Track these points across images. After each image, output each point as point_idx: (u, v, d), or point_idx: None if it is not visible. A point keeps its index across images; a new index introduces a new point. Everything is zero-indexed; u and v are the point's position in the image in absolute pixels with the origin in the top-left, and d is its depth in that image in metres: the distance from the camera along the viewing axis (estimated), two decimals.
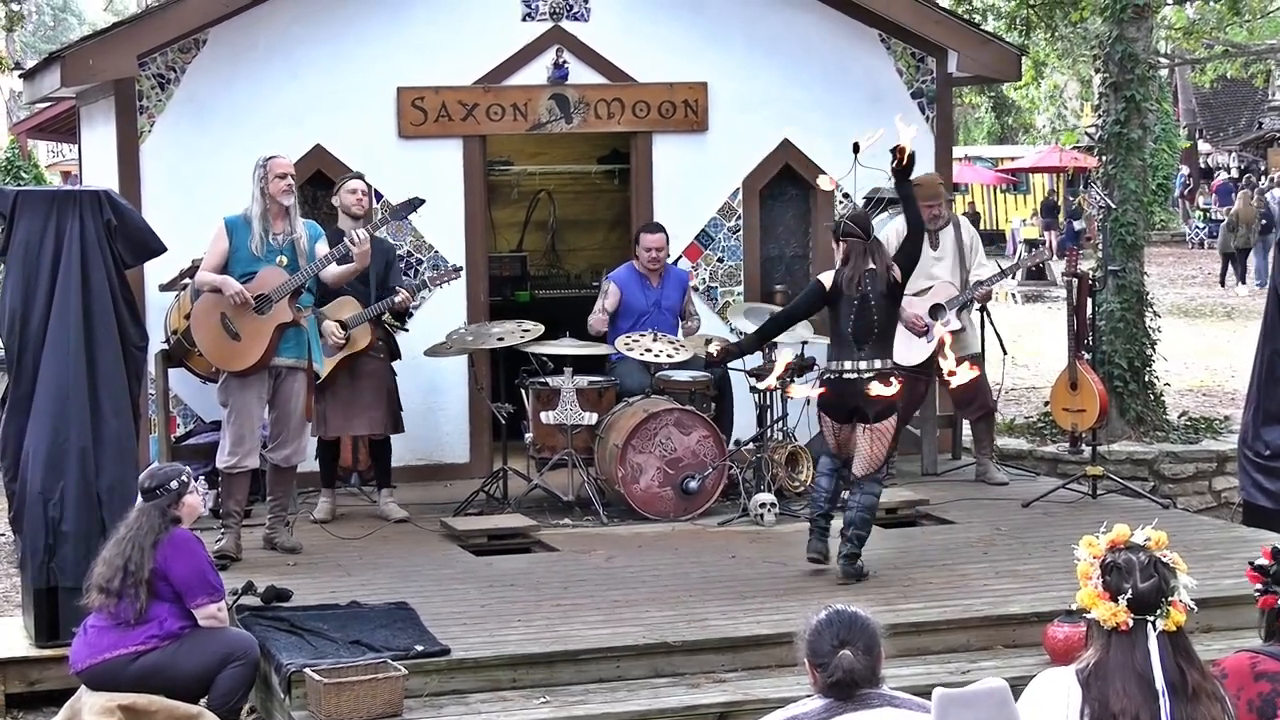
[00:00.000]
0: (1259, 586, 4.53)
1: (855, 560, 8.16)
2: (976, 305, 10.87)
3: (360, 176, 9.72)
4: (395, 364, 9.84)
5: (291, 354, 8.77)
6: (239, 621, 7.31)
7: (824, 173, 8.57)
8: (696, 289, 10.94)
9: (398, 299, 9.50)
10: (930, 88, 11.59)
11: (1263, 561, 4.55)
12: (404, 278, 10.15)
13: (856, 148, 8.20)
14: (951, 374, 7.97)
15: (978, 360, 10.70)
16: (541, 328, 9.94)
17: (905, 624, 7.26)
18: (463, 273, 10.23)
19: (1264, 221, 29.75)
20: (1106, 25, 12.38)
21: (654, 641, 7.21)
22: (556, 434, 9.82)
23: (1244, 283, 29.07)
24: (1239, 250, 29.38)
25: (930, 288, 10.47)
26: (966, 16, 16.04)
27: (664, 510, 9.60)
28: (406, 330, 10.21)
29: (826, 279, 8.25)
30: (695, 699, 6.83)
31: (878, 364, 8.11)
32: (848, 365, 8.12)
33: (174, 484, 6.75)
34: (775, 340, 10.23)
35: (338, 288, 9.15)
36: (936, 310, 10.45)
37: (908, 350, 10.51)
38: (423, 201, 9.21)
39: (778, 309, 10.78)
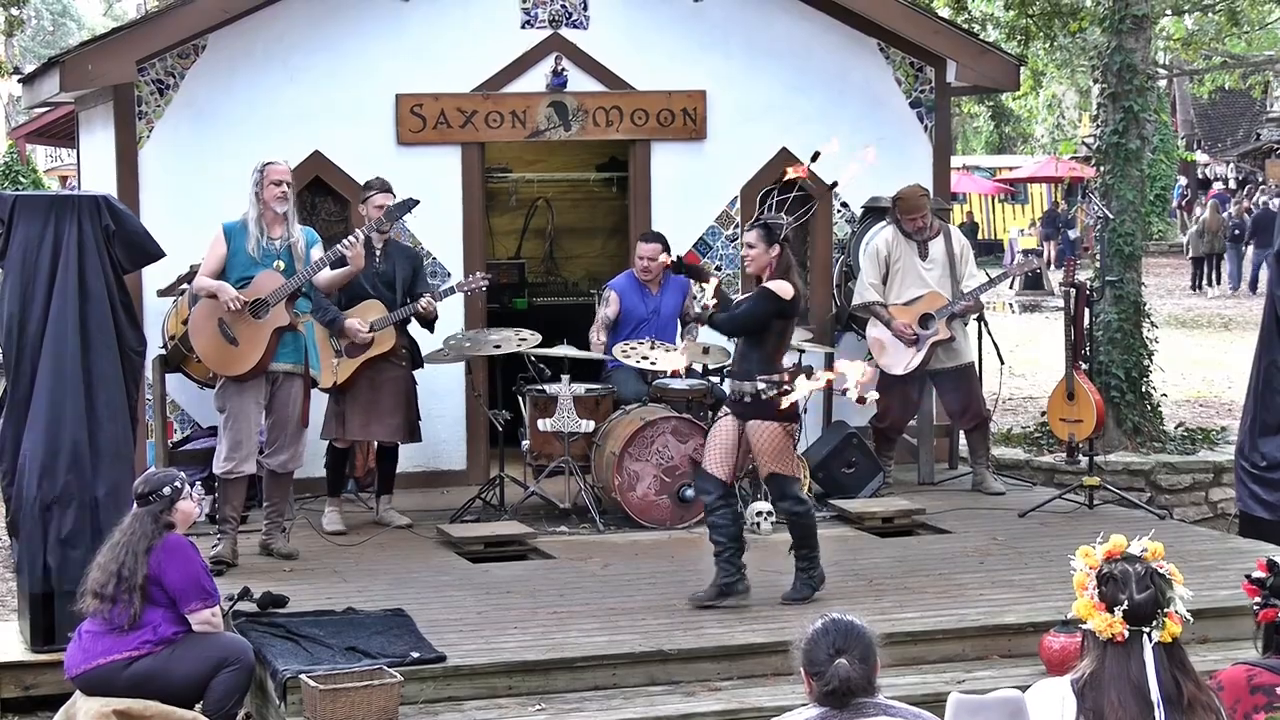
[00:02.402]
0: (1257, 600, 4.53)
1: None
2: (973, 315, 10.89)
3: (389, 189, 9.62)
4: (415, 372, 9.81)
5: (289, 359, 8.78)
6: (235, 627, 7.31)
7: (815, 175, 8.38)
8: (696, 297, 10.93)
9: (422, 304, 9.49)
10: (929, 97, 11.60)
11: (1259, 574, 4.55)
12: (431, 283, 10.15)
13: (816, 156, 8.16)
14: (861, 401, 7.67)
15: (968, 370, 10.73)
16: (539, 337, 9.95)
17: (901, 633, 7.27)
18: (489, 280, 10.19)
19: (1235, 231, 31.12)
20: (1105, 36, 12.41)
21: (650, 649, 7.21)
22: (553, 441, 9.82)
23: (1215, 285, 30.67)
24: (1206, 255, 31.27)
25: (920, 297, 10.49)
26: (965, 26, 16.07)
27: (660, 518, 9.60)
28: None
29: (784, 289, 7.81)
30: (691, 707, 6.83)
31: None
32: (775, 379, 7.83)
33: (168, 489, 6.74)
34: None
35: (330, 293, 9.11)
36: (926, 319, 10.47)
37: (897, 359, 10.54)
38: (417, 202, 9.19)
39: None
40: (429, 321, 9.68)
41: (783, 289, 7.78)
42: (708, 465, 7.99)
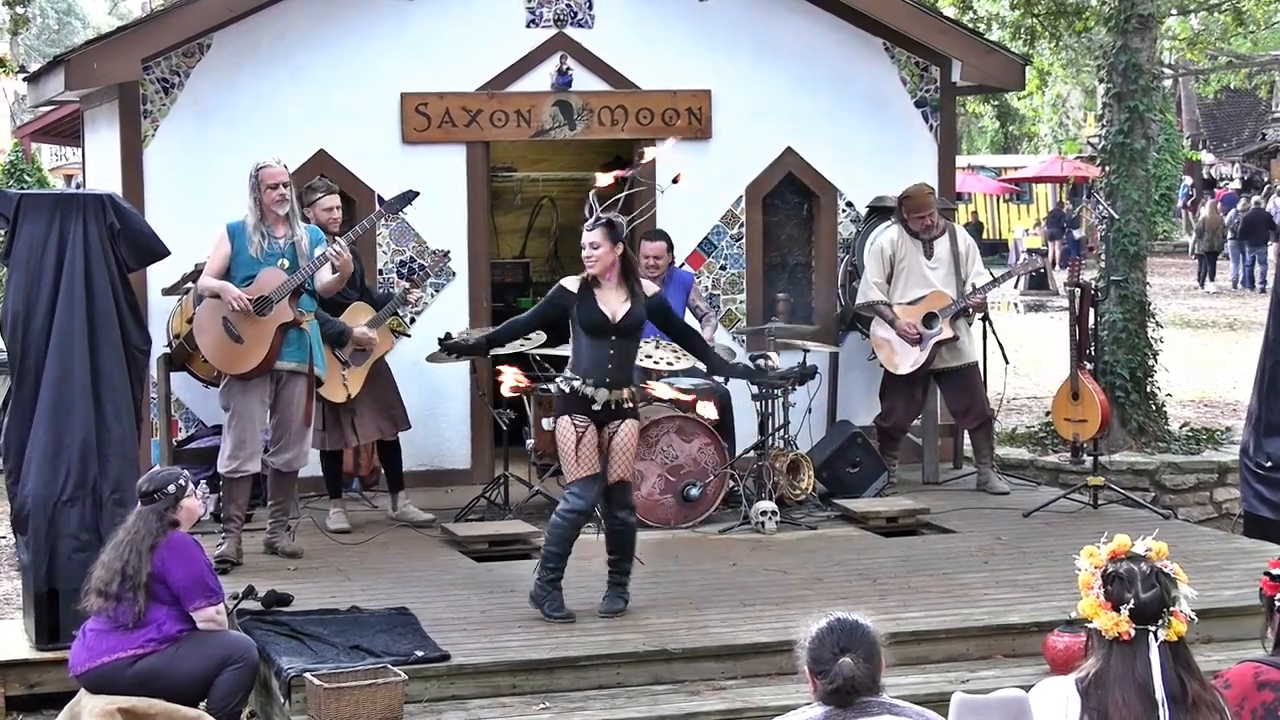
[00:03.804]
0: None
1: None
2: (977, 314, 10.88)
3: (335, 191, 9.64)
4: (396, 368, 9.86)
5: (293, 358, 8.78)
6: (239, 625, 7.32)
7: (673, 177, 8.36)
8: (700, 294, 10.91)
9: (412, 295, 9.56)
10: (934, 96, 11.59)
11: (1278, 571, 4.54)
12: (380, 278, 10.31)
13: (677, 179, 8.15)
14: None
15: (973, 369, 10.72)
16: (544, 337, 9.94)
17: (905, 633, 7.25)
18: (450, 256, 10.27)
19: (1246, 229, 32.29)
20: (1110, 35, 12.40)
21: (654, 649, 7.21)
22: None
23: (1213, 280, 31.84)
24: (1206, 253, 32.50)
25: (925, 296, 10.49)
26: (971, 26, 16.07)
27: (665, 517, 9.60)
28: (409, 335, 10.23)
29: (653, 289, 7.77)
30: (695, 706, 6.83)
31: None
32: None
33: (171, 488, 6.75)
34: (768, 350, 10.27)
35: (328, 296, 9.09)
36: (930, 319, 10.46)
37: (901, 358, 10.53)
38: (416, 194, 9.19)
39: (780, 323, 10.84)
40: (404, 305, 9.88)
41: (649, 288, 7.79)
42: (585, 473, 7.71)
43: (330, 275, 8.77)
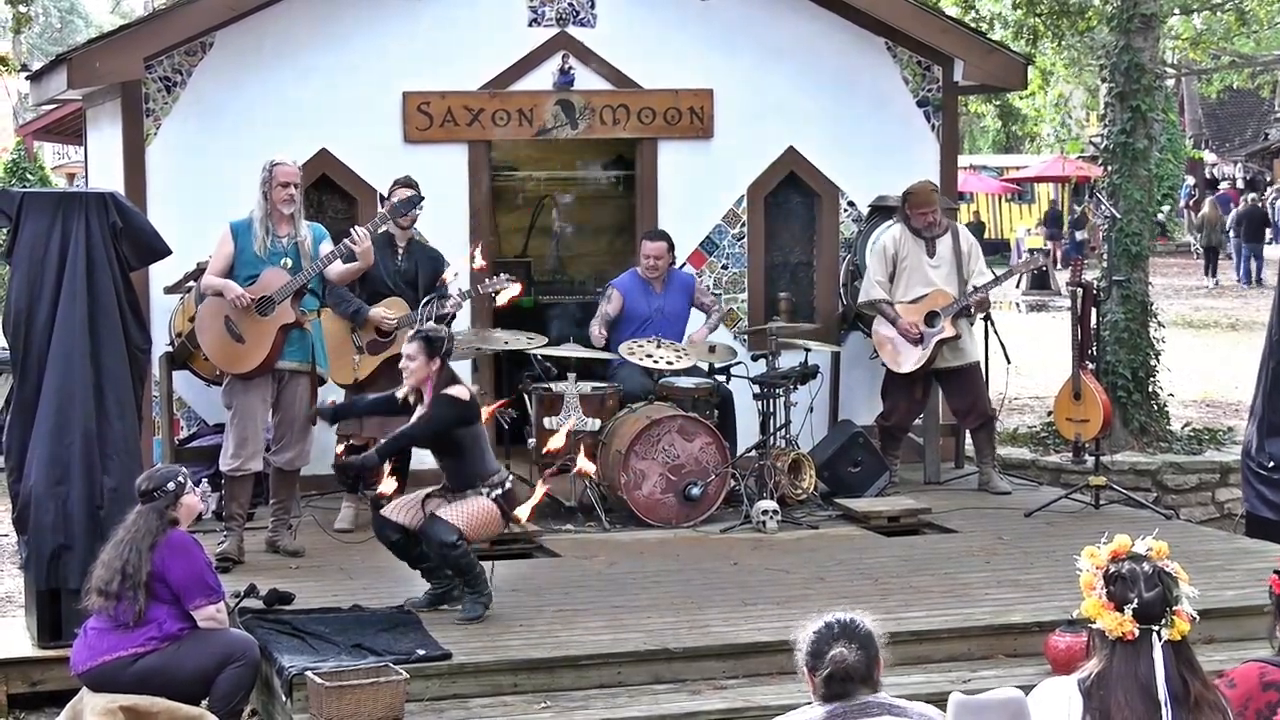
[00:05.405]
0: None
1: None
2: (979, 314, 10.87)
3: (414, 185, 9.55)
4: None
5: (296, 357, 8.79)
6: (241, 624, 7.32)
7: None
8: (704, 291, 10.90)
9: (448, 306, 9.49)
10: (936, 96, 11.59)
11: None
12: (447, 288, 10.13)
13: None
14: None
15: (974, 369, 10.72)
16: (546, 340, 9.95)
17: (907, 632, 7.25)
18: (513, 280, 10.09)
19: (1243, 226, 33.43)
20: (1113, 35, 12.40)
21: (655, 648, 7.21)
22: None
23: (1213, 276, 32.82)
24: (1205, 248, 34.08)
25: (927, 295, 10.48)
26: (973, 25, 16.06)
27: (666, 517, 9.60)
28: None
29: (462, 392, 7.65)
30: (696, 705, 6.83)
31: None
32: None
33: (171, 486, 6.75)
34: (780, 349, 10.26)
35: (343, 285, 9.10)
36: (932, 318, 10.45)
37: (903, 357, 10.52)
38: (418, 201, 9.19)
39: (781, 323, 10.84)
40: (442, 319, 9.70)
41: (461, 392, 7.61)
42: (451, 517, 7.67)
43: (341, 266, 8.76)
